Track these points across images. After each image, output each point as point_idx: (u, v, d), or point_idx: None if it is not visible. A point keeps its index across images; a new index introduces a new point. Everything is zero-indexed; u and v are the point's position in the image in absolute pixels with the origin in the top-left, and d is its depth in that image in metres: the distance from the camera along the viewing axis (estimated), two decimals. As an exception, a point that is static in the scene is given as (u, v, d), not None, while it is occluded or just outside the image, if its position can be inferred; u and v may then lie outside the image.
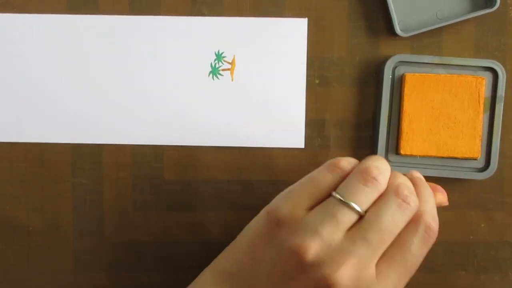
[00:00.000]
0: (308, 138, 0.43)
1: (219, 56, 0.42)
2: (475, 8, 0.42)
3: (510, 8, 0.42)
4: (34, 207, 0.43)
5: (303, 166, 0.43)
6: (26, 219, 0.43)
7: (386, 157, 0.42)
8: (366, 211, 0.32)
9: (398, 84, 0.42)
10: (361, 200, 0.32)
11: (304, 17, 0.42)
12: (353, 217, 0.31)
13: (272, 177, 0.43)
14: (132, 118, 0.42)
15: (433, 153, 0.42)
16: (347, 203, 0.31)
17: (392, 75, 0.42)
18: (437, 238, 0.33)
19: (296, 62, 0.42)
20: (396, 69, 0.42)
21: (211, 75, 0.42)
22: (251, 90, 0.42)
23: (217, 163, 0.43)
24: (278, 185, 0.42)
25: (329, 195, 0.33)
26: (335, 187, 0.33)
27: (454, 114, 0.41)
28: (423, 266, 0.33)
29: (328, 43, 0.42)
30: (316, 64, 0.43)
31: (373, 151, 0.43)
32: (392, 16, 0.41)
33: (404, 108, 0.41)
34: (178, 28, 0.42)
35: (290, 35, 0.42)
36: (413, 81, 0.41)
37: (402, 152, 0.41)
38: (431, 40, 0.42)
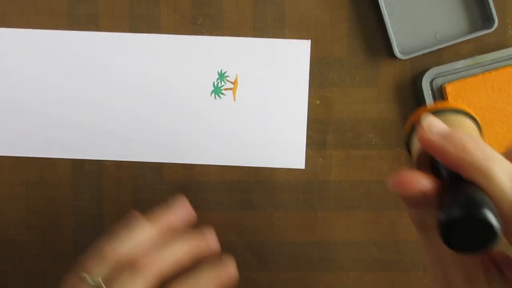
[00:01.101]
0: (309, 158, 0.43)
1: (221, 76, 0.42)
2: (473, 29, 0.42)
3: (509, 27, 0.42)
4: (35, 225, 0.43)
5: (303, 186, 0.43)
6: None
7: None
8: None
9: (439, 96, 0.42)
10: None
11: (308, 39, 0.42)
12: None
13: (273, 196, 0.43)
14: (133, 135, 0.42)
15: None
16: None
17: (431, 89, 0.42)
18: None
19: (299, 84, 0.42)
20: (433, 82, 0.42)
21: (213, 94, 0.42)
22: (253, 110, 0.42)
23: (218, 181, 0.43)
24: (278, 203, 0.43)
25: None
26: None
27: (504, 108, 0.41)
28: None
29: (328, 64, 0.43)
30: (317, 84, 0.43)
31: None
32: (391, 39, 0.42)
33: (454, 118, 0.41)
34: (182, 46, 0.42)
35: (293, 57, 0.42)
36: (454, 90, 0.41)
37: (466, 160, 0.41)
38: (431, 60, 0.42)
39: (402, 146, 0.43)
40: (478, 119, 0.28)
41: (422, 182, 0.24)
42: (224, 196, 0.43)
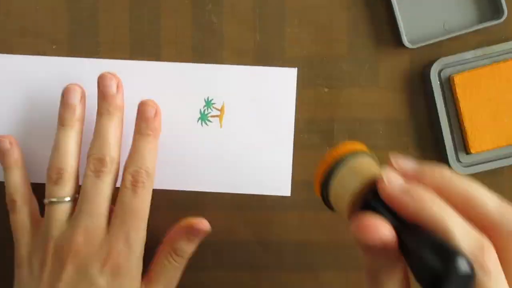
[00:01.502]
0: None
1: (208, 103, 0.42)
2: (482, 19, 0.42)
3: None
4: None
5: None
6: None
7: (458, 160, 0.42)
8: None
9: (447, 87, 0.42)
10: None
11: (294, 67, 0.42)
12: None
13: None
14: (120, 164, 0.42)
15: (503, 143, 0.41)
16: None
17: (439, 79, 0.42)
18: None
19: (285, 110, 0.42)
20: (441, 72, 0.42)
21: (200, 121, 0.42)
22: (240, 137, 0.42)
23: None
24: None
25: None
26: None
27: (512, 100, 0.41)
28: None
29: (335, 54, 0.42)
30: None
31: (442, 160, 0.43)
32: (399, 27, 0.41)
33: (461, 110, 0.41)
34: (169, 74, 0.42)
35: (279, 84, 0.42)
36: (462, 81, 0.41)
37: (473, 151, 0.41)
38: (439, 51, 0.42)
39: (408, 135, 0.43)
40: (370, 152, 0.29)
41: (385, 231, 0.24)
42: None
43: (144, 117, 0.40)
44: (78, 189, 0.40)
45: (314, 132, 0.43)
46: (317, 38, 0.42)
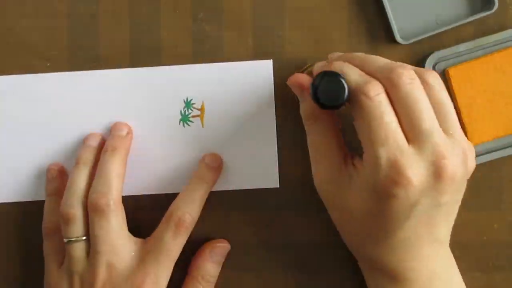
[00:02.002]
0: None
1: (188, 104, 0.42)
2: (474, 11, 0.42)
3: (510, 7, 0.42)
4: None
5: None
6: None
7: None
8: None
9: (443, 81, 0.42)
10: None
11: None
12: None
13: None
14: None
15: (502, 133, 0.41)
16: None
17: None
18: (452, 239, 0.37)
19: (265, 103, 0.42)
20: (436, 66, 0.42)
21: (181, 122, 0.42)
22: (223, 134, 0.42)
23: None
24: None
25: None
26: None
27: (507, 89, 0.41)
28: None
29: (329, 52, 0.42)
30: None
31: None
32: (391, 24, 0.42)
33: (458, 102, 0.41)
34: (145, 78, 0.42)
35: (256, 78, 0.42)
36: (457, 73, 0.41)
37: (472, 143, 0.41)
38: (432, 45, 0.42)
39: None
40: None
41: (302, 77, 0.38)
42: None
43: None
44: None
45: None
46: (310, 39, 0.43)
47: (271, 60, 0.43)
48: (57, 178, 0.42)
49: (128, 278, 0.38)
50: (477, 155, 0.42)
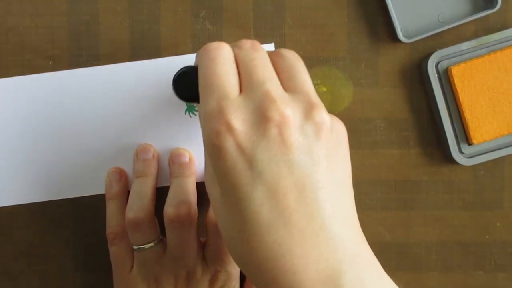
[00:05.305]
0: None
1: None
2: (476, 9, 0.42)
3: None
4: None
5: None
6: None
7: (461, 152, 0.42)
8: None
9: (445, 79, 0.42)
10: None
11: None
12: None
13: None
14: (108, 162, 0.42)
15: (504, 132, 0.41)
16: None
17: (437, 72, 0.42)
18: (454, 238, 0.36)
19: None
20: (439, 65, 0.42)
21: (187, 112, 0.43)
22: None
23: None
24: None
25: None
26: None
27: (510, 88, 0.41)
28: (440, 266, 0.32)
29: (332, 51, 0.42)
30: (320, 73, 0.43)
31: (444, 152, 0.43)
32: (394, 22, 0.41)
33: (461, 101, 0.41)
34: (149, 71, 0.42)
35: None
36: (460, 72, 0.41)
37: (475, 142, 0.41)
38: (435, 43, 0.42)
39: (409, 130, 0.43)
40: None
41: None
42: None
43: None
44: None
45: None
46: (313, 38, 0.43)
47: (273, 43, 0.42)
48: (118, 181, 0.42)
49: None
50: (480, 154, 0.42)
